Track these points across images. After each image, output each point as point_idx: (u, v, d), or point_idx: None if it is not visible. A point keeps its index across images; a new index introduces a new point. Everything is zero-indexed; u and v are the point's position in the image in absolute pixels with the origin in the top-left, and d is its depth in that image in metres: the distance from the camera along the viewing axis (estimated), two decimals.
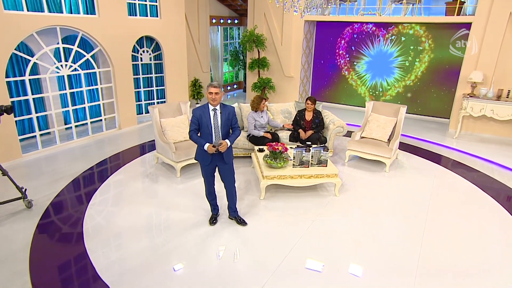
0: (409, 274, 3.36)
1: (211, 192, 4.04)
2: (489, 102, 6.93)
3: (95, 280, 3.18)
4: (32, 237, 3.78)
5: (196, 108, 3.71)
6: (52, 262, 3.44)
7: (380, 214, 4.46)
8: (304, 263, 3.46)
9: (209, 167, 3.83)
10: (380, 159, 5.75)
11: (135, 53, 7.95)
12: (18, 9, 5.63)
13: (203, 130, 3.67)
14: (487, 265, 3.52)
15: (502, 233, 4.10)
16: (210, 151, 3.62)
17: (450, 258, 3.61)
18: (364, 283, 3.23)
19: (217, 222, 4.14)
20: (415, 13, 8.14)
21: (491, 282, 3.29)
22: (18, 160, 5.80)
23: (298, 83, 9.74)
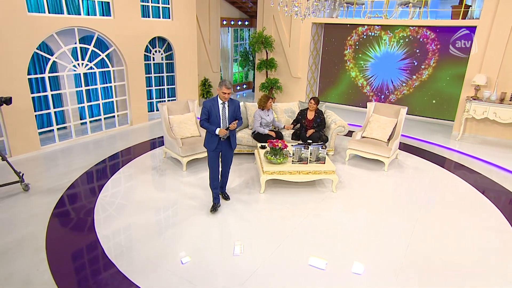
0: (395, 267, 3.55)
1: (215, 179, 4.42)
2: (492, 105, 7.01)
3: (105, 263, 3.50)
4: (48, 221, 4.14)
5: (206, 101, 4.18)
6: (65, 242, 3.79)
7: (375, 211, 4.65)
8: (297, 253, 3.70)
9: (215, 152, 4.32)
10: (379, 158, 5.92)
11: (148, 53, 8.32)
12: (40, 11, 6.04)
13: (212, 120, 4.17)
14: (481, 264, 3.65)
15: (496, 235, 4.22)
16: (221, 134, 4.13)
17: (438, 253, 3.78)
18: (354, 274, 3.45)
19: (217, 210, 4.45)
20: (421, 16, 8.25)
21: (486, 281, 3.43)
22: (37, 152, 6.22)
23: (305, 84, 9.95)
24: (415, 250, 3.79)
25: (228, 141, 4.31)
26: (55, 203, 4.54)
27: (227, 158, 4.47)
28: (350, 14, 9.43)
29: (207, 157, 4.40)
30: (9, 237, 3.81)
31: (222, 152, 4.38)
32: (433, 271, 3.48)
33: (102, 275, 3.30)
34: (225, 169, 4.58)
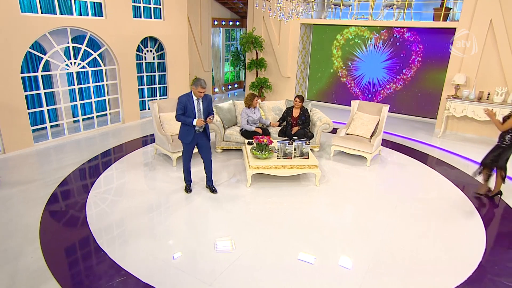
0: (373, 260, 3.80)
1: (188, 168, 4.90)
2: (471, 103, 7.32)
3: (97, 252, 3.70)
4: (42, 213, 4.32)
5: (182, 96, 4.47)
6: (58, 233, 3.98)
7: (356, 204, 4.90)
8: (280, 242, 3.94)
9: (190, 145, 4.68)
10: (362, 154, 6.18)
11: (139, 52, 8.49)
12: (33, 11, 6.20)
13: (188, 114, 4.48)
14: (451, 255, 3.92)
15: (465, 225, 4.50)
16: (199, 124, 4.48)
17: (415, 247, 4.04)
18: (331, 265, 3.69)
19: (191, 191, 4.96)
20: (404, 18, 8.54)
21: (454, 271, 3.70)
22: (30, 149, 6.37)
23: (294, 83, 10.20)
24: (392, 243, 4.04)
25: (203, 132, 4.68)
26: (48, 197, 4.71)
27: (205, 147, 4.79)
28: (338, 15, 9.70)
29: (182, 150, 4.75)
30: (3, 229, 3.98)
31: (199, 143, 4.72)
32: (412, 264, 3.73)
33: (93, 260, 3.50)
34: (206, 159, 4.86)
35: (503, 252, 3.91)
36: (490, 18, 7.06)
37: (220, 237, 3.90)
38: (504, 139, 4.69)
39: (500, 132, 4.72)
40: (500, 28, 7.00)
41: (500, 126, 4.67)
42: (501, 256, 3.82)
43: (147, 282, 3.20)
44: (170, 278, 3.28)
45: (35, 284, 3.15)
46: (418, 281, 3.37)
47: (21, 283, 3.16)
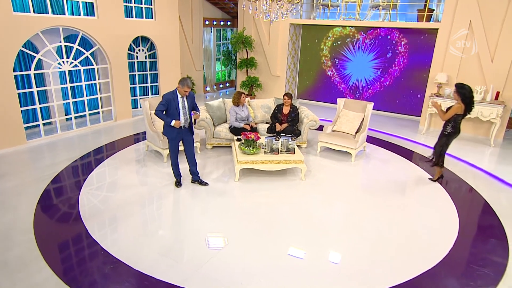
0: (352, 247, 4.03)
1: (176, 161, 5.04)
2: (452, 101, 7.57)
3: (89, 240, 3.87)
4: (35, 207, 4.47)
5: (167, 94, 4.62)
6: (51, 224, 4.13)
7: (338, 197, 5.13)
8: (266, 232, 4.14)
9: (175, 140, 4.83)
10: (347, 149, 6.42)
11: (131, 51, 8.63)
12: (25, 11, 6.32)
13: (172, 111, 4.64)
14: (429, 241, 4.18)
15: (441, 215, 4.75)
16: (177, 125, 4.64)
17: (391, 235, 4.28)
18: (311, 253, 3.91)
19: (182, 185, 5.14)
20: (390, 19, 8.81)
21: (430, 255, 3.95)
22: (23, 146, 6.49)
23: (284, 82, 10.42)
24: (372, 233, 4.28)
25: (188, 128, 4.87)
26: (41, 191, 4.86)
27: (189, 142, 4.96)
28: (326, 15, 9.94)
29: (168, 145, 4.92)
30: None
31: (184, 138, 4.89)
32: (396, 254, 3.97)
33: (85, 251, 3.67)
34: (189, 153, 5.02)
35: (474, 238, 4.17)
36: (470, 19, 7.35)
37: (212, 234, 4.00)
38: (446, 128, 5.22)
39: (444, 122, 5.25)
40: (479, 29, 7.30)
41: (442, 116, 5.19)
42: (471, 242, 4.08)
43: (138, 269, 3.38)
44: (158, 266, 3.46)
45: (30, 271, 3.31)
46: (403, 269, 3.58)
47: (16, 271, 3.31)
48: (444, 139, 5.29)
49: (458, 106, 5.00)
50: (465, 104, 4.99)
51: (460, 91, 4.99)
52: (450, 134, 5.20)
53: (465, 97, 4.95)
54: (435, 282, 3.39)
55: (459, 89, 5.01)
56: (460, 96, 4.98)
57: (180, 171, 5.17)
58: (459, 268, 3.62)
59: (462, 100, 4.98)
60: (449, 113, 5.08)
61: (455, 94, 5.08)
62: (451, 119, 5.11)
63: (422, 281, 3.39)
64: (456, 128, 5.16)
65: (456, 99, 5.09)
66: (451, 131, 5.18)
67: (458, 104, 5.00)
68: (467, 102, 4.98)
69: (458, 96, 5.02)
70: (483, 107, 7.31)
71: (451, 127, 5.16)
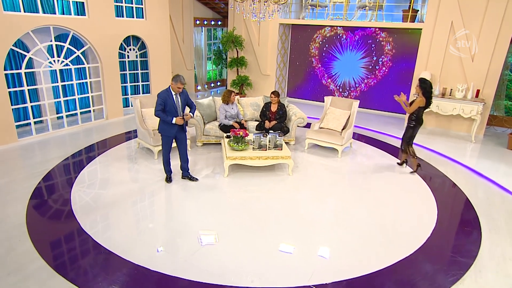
0: (335, 238, 4.22)
1: (168, 160, 5.19)
2: (435, 99, 7.85)
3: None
4: (28, 202, 4.57)
5: (161, 92, 4.73)
6: (43, 218, 4.24)
7: (323, 190, 5.32)
8: (255, 225, 4.31)
9: (170, 138, 4.95)
10: (333, 146, 6.61)
11: (122, 50, 8.72)
12: (16, 10, 6.38)
13: (169, 109, 4.74)
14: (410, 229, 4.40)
15: (421, 207, 4.98)
16: (179, 123, 4.79)
17: (375, 227, 4.48)
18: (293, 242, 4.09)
19: (172, 181, 5.27)
20: (376, 19, 9.04)
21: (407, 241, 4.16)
22: (15, 144, 6.55)
23: (274, 80, 10.60)
24: (357, 225, 4.47)
25: (182, 126, 5.01)
26: (34, 187, 4.96)
27: (182, 139, 5.10)
28: (315, 16, 10.14)
29: (162, 142, 5.04)
30: None
31: (177, 136, 5.02)
32: (379, 244, 4.16)
33: (77, 243, 3.79)
34: (182, 150, 5.17)
35: (450, 227, 4.39)
36: (451, 20, 7.61)
37: (204, 231, 4.06)
38: (411, 120, 5.68)
39: (409, 114, 5.72)
40: (460, 29, 7.56)
41: (407, 109, 5.66)
42: (448, 231, 4.30)
43: (129, 260, 3.52)
44: (150, 257, 3.60)
45: (24, 263, 3.42)
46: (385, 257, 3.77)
47: (10, 263, 3.42)
48: (410, 131, 5.76)
49: (420, 100, 5.47)
50: (426, 97, 5.45)
51: (422, 85, 5.48)
52: (415, 125, 5.69)
53: (426, 91, 5.43)
54: (413, 267, 3.60)
55: (422, 84, 5.49)
56: (422, 90, 5.45)
57: (171, 168, 5.30)
58: (435, 255, 3.83)
59: (423, 93, 5.45)
60: (413, 106, 5.54)
61: (417, 88, 5.53)
62: (415, 112, 5.58)
63: (402, 266, 3.60)
64: (420, 119, 5.64)
65: (417, 92, 5.55)
66: (415, 123, 5.66)
67: (420, 98, 5.47)
68: (427, 96, 5.45)
69: (419, 90, 5.48)
70: (464, 105, 7.58)
71: (415, 119, 5.64)
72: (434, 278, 3.44)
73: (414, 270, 3.56)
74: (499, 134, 8.26)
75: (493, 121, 8.69)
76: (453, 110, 7.71)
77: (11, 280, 3.19)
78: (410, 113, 5.67)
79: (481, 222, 4.50)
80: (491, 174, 5.95)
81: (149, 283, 3.25)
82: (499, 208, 4.87)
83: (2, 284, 3.15)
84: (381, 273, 3.49)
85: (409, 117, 5.74)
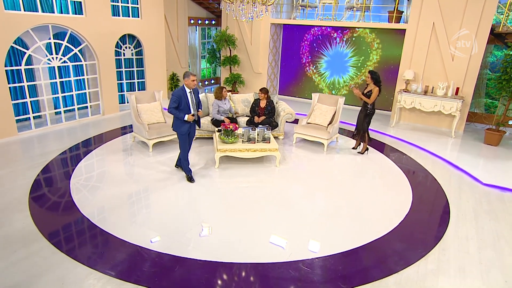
0: (310, 221, 4.58)
1: (187, 158, 5.32)
2: (418, 96, 8.25)
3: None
4: (29, 190, 4.87)
5: (176, 90, 4.97)
6: (45, 203, 4.56)
7: (308, 181, 5.66)
8: (238, 211, 4.66)
9: (184, 135, 5.16)
10: (319, 140, 6.97)
11: (118, 48, 9.01)
12: (16, 9, 6.66)
13: (184, 107, 4.98)
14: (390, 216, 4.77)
15: (398, 195, 5.36)
16: (190, 120, 5.01)
17: (355, 209, 4.85)
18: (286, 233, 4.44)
19: (194, 180, 5.37)
20: (363, 19, 9.42)
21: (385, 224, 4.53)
22: (15, 137, 6.84)
23: (265, 78, 10.94)
24: (336, 209, 4.84)
25: (195, 122, 5.26)
26: (35, 176, 5.26)
27: (192, 137, 5.36)
28: (306, 16, 10.49)
29: (179, 140, 5.19)
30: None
31: (190, 132, 5.25)
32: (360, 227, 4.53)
33: (75, 222, 4.11)
34: (190, 144, 5.38)
35: (422, 212, 4.77)
36: (433, 21, 8.00)
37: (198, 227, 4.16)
38: (367, 109, 6.32)
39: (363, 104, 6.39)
40: (441, 30, 7.96)
41: (368, 100, 6.23)
42: (420, 215, 4.68)
43: (127, 240, 3.85)
44: (146, 239, 3.93)
45: (27, 243, 3.73)
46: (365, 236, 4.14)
47: (15, 243, 3.73)
48: (367, 118, 6.41)
49: (377, 90, 6.09)
50: (378, 86, 6.08)
51: (374, 76, 6.16)
52: (371, 112, 6.32)
53: (377, 81, 6.08)
54: (386, 245, 3.98)
55: (373, 75, 6.16)
56: (373, 81, 6.10)
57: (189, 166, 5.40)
58: (406, 235, 4.20)
59: (375, 83, 6.09)
60: (373, 96, 6.18)
61: (369, 79, 6.16)
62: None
63: (377, 244, 4.00)
64: (374, 107, 6.36)
65: (368, 82, 6.20)
66: (371, 111, 6.29)
67: (376, 88, 6.08)
68: (379, 85, 6.08)
69: (371, 80, 6.13)
70: (445, 102, 7.98)
71: (371, 107, 6.26)
72: (403, 255, 3.81)
73: (387, 247, 3.93)
74: (478, 130, 8.67)
75: (474, 118, 9.11)
76: (434, 106, 8.11)
77: (18, 256, 3.51)
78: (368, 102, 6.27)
79: (451, 208, 4.89)
80: (465, 166, 6.35)
81: (144, 260, 3.57)
82: (468, 196, 5.26)
83: (10, 259, 3.47)
84: (359, 250, 3.86)
85: (365, 106, 6.34)
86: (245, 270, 3.48)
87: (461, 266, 3.65)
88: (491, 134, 7.56)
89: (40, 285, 3.15)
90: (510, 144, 7.76)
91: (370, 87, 6.25)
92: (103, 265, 3.44)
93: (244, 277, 3.39)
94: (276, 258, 3.65)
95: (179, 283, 3.27)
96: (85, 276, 3.28)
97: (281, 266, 3.54)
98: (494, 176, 5.97)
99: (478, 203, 5.07)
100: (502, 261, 3.77)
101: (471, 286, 3.39)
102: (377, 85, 6.15)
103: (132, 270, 3.40)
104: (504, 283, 3.45)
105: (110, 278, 3.28)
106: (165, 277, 3.33)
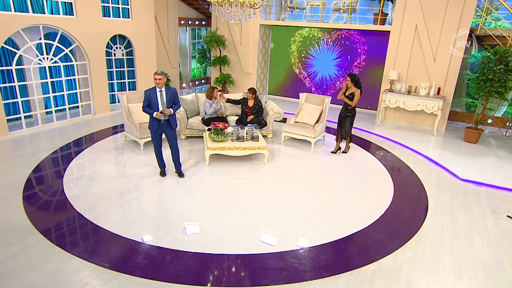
0: (296, 216, 4.81)
1: (159, 152, 5.46)
2: (402, 96, 8.56)
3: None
4: (23, 187, 4.98)
5: (146, 90, 5.12)
6: (38, 199, 4.68)
7: (295, 178, 5.90)
8: (227, 206, 4.85)
9: (156, 133, 5.26)
10: (307, 138, 7.21)
11: (109, 49, 9.09)
12: (6, 9, 6.72)
13: (153, 105, 5.08)
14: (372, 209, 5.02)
15: (381, 190, 5.62)
16: (158, 117, 5.05)
17: (338, 201, 5.09)
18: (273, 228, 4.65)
19: (166, 174, 5.54)
20: (350, 21, 9.70)
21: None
22: (6, 137, 6.90)
23: (255, 78, 11.14)
24: (321, 202, 5.08)
25: (168, 122, 5.22)
26: (28, 174, 5.36)
27: (171, 135, 5.32)
28: (294, 17, 10.72)
29: (151, 138, 5.35)
30: None
31: (166, 132, 5.27)
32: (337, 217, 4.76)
33: (71, 221, 4.25)
34: (173, 146, 5.39)
35: (402, 206, 5.04)
36: (416, 23, 8.32)
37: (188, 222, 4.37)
38: (349, 110, 6.53)
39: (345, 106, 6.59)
40: (423, 32, 8.28)
41: (351, 102, 6.42)
42: (400, 209, 4.95)
43: (120, 234, 4.00)
44: (138, 232, 4.10)
45: (24, 237, 3.86)
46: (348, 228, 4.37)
47: (12, 237, 3.86)
48: (351, 119, 6.64)
49: (359, 91, 6.29)
50: (359, 88, 6.30)
51: (354, 78, 6.35)
52: (354, 114, 6.57)
53: (357, 83, 6.30)
54: (368, 236, 4.23)
55: (353, 78, 6.35)
56: (353, 83, 6.30)
57: (164, 162, 5.57)
58: (386, 227, 4.45)
59: (355, 85, 6.30)
60: (356, 98, 6.38)
61: (349, 82, 6.33)
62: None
63: (359, 235, 4.24)
64: (355, 108, 6.56)
65: (349, 85, 6.36)
66: (353, 112, 6.54)
67: (358, 90, 6.28)
68: (359, 87, 6.30)
69: (351, 83, 6.32)
70: (427, 101, 8.30)
71: (352, 109, 6.51)
72: (383, 245, 4.06)
73: (368, 239, 4.18)
74: (459, 128, 9.03)
75: (455, 117, 9.47)
76: (417, 106, 8.42)
77: (15, 249, 3.64)
78: (348, 104, 6.48)
79: (429, 201, 5.17)
80: (445, 162, 6.65)
81: (136, 253, 3.74)
82: (446, 191, 5.55)
83: (8, 252, 3.60)
84: (341, 241, 4.09)
85: (346, 108, 6.54)
86: (233, 260, 3.68)
87: (435, 255, 3.92)
88: (471, 132, 7.91)
89: (38, 276, 3.30)
90: (488, 141, 8.12)
91: (351, 89, 6.39)
92: (98, 258, 3.60)
93: (232, 267, 3.59)
94: (264, 250, 3.86)
95: (170, 272, 3.45)
96: (81, 268, 3.44)
97: (268, 257, 3.75)
98: (471, 172, 6.29)
99: (455, 197, 5.37)
100: (472, 249, 4.05)
101: (442, 272, 3.65)
102: (358, 87, 6.33)
103: (125, 261, 3.57)
104: (472, 269, 3.72)
105: (104, 269, 3.44)
106: (157, 268, 3.50)
